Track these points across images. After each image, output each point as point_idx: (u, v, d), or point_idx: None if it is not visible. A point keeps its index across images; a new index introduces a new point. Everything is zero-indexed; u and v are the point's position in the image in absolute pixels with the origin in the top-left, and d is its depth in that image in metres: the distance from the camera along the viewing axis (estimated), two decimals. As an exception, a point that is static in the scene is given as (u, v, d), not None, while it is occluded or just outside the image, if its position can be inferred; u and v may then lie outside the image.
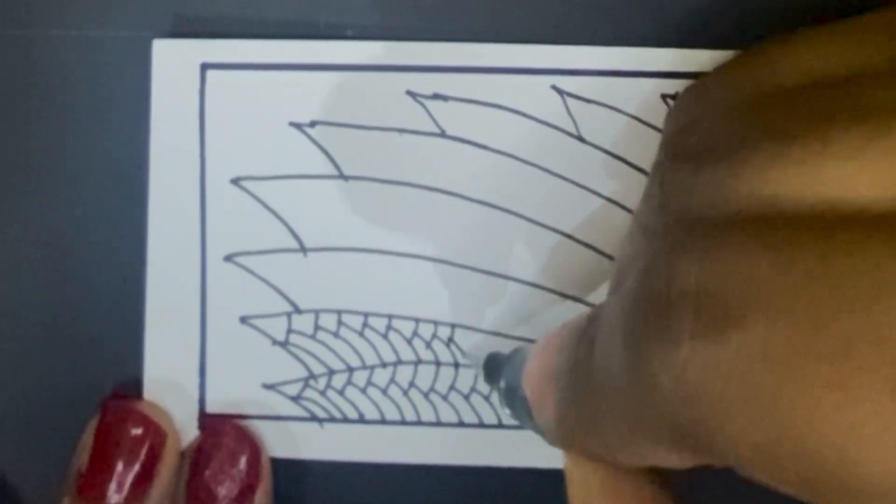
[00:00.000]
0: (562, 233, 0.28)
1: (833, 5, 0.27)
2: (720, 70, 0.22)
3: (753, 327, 0.16)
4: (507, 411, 0.25)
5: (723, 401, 0.16)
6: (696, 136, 0.20)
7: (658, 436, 0.18)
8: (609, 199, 0.27)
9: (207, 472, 0.27)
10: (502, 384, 0.25)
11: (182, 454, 0.28)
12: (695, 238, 0.18)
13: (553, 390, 0.22)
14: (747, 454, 0.17)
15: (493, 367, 0.26)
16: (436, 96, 0.27)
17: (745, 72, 0.21)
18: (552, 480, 0.28)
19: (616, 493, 0.22)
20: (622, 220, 0.27)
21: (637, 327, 0.18)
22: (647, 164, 0.27)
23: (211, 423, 0.28)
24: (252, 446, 0.28)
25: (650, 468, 0.21)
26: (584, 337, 0.21)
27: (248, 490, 0.27)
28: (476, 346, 0.28)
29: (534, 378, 0.23)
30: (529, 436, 0.28)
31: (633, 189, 0.27)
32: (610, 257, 0.28)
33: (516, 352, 0.25)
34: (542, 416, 0.23)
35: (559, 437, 0.22)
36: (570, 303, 0.28)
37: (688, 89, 0.23)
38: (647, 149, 0.27)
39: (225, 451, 0.27)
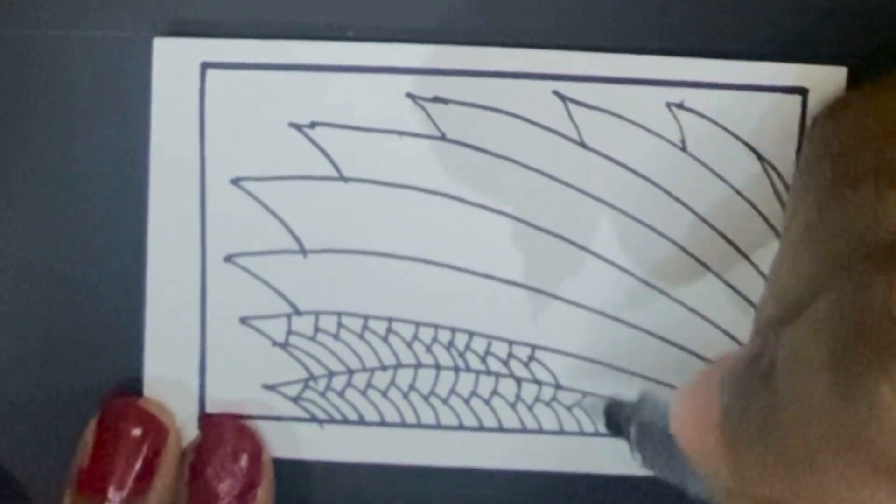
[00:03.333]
0: (562, 238, 0.27)
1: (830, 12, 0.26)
2: (873, 93, 0.23)
3: None
4: (639, 457, 0.25)
5: None
6: (869, 157, 0.20)
7: (879, 471, 0.17)
8: (611, 206, 0.27)
9: (209, 470, 0.27)
10: (633, 432, 0.25)
11: (183, 453, 0.28)
12: None
13: (718, 439, 0.21)
14: None
15: (617, 415, 0.26)
16: (436, 99, 0.27)
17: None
18: (551, 483, 0.28)
19: None
20: (624, 226, 0.27)
21: (854, 357, 0.17)
22: (649, 172, 0.27)
23: (211, 422, 0.28)
24: (253, 444, 0.28)
25: None
26: (751, 376, 0.20)
27: (249, 487, 0.27)
28: (588, 385, 0.28)
29: (690, 429, 0.22)
30: (527, 439, 0.28)
31: (635, 196, 0.27)
32: (610, 262, 0.27)
33: (645, 394, 0.25)
34: (707, 467, 0.22)
35: (736, 483, 0.21)
36: (572, 308, 0.28)
37: (837, 108, 0.23)
38: (650, 157, 0.27)
39: (226, 449, 0.28)
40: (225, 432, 0.28)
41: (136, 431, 0.27)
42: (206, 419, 0.28)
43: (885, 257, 0.18)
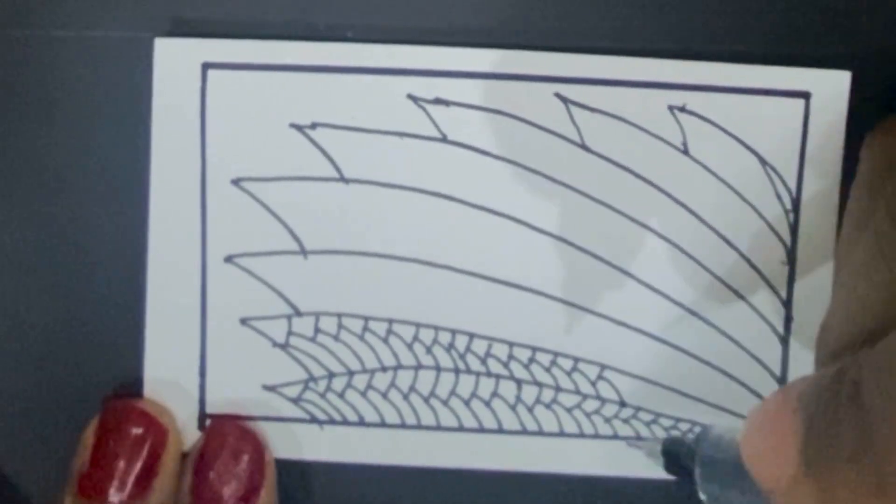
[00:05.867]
0: (563, 240, 0.27)
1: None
2: None
3: None
4: (703, 497, 0.24)
5: None
6: None
7: None
8: (612, 208, 0.27)
9: (212, 473, 0.27)
10: (697, 469, 0.24)
11: (185, 455, 0.28)
12: None
13: (804, 467, 0.20)
14: None
15: (677, 453, 0.26)
16: (437, 101, 0.27)
17: None
18: (551, 484, 0.28)
19: None
20: (625, 228, 0.27)
21: None
22: (651, 175, 0.27)
23: (214, 424, 0.28)
24: (256, 446, 0.28)
25: None
26: (835, 399, 0.19)
27: (253, 489, 0.27)
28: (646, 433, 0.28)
29: (766, 460, 0.21)
30: (527, 441, 0.28)
31: (636, 199, 0.27)
32: (609, 264, 0.27)
33: (707, 430, 0.25)
34: (786, 498, 0.21)
35: None
36: (573, 309, 0.28)
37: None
38: (652, 160, 0.27)
39: (229, 451, 0.28)
40: (228, 434, 0.28)
41: (137, 432, 0.27)
42: (208, 421, 0.28)
43: None
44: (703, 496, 0.24)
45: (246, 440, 0.28)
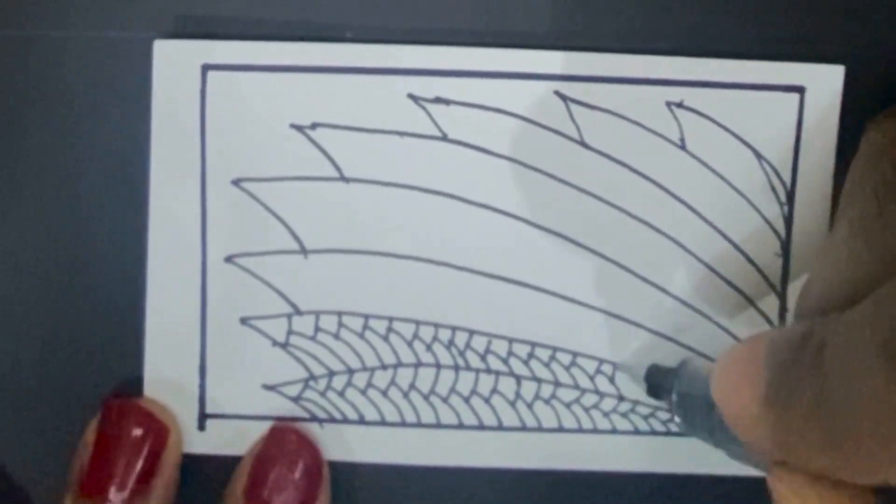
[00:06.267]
0: (562, 236, 0.28)
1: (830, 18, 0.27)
2: None
3: None
4: (677, 420, 0.26)
5: None
6: None
7: None
8: (611, 204, 0.28)
9: (269, 479, 0.27)
10: (674, 397, 0.26)
11: (246, 457, 0.28)
12: None
13: (765, 410, 0.21)
14: None
15: (658, 380, 0.27)
16: (437, 100, 0.27)
17: None
18: (550, 480, 0.29)
19: None
20: (624, 223, 0.28)
21: None
22: (649, 170, 0.27)
23: (275, 429, 0.28)
24: (314, 455, 0.28)
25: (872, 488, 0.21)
26: (800, 357, 0.20)
27: (307, 500, 0.27)
28: (631, 357, 0.28)
29: (732, 399, 0.22)
30: (527, 437, 0.28)
31: (634, 194, 0.28)
32: (609, 259, 0.28)
33: (685, 363, 0.26)
34: (747, 436, 0.22)
35: (780, 454, 0.21)
36: (572, 305, 0.28)
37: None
38: (650, 155, 0.27)
39: (287, 458, 0.27)
40: (288, 441, 0.28)
41: (137, 432, 0.27)
42: (272, 428, 0.28)
43: None
44: (677, 419, 0.26)
45: (306, 449, 0.28)
